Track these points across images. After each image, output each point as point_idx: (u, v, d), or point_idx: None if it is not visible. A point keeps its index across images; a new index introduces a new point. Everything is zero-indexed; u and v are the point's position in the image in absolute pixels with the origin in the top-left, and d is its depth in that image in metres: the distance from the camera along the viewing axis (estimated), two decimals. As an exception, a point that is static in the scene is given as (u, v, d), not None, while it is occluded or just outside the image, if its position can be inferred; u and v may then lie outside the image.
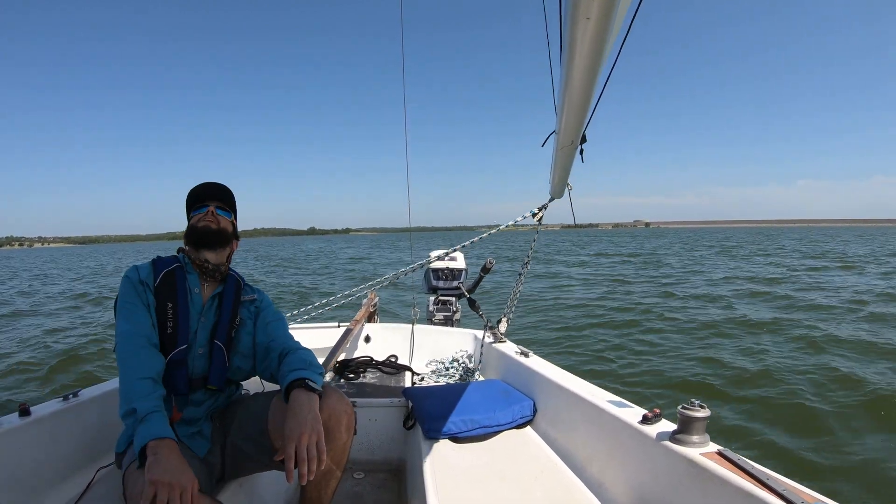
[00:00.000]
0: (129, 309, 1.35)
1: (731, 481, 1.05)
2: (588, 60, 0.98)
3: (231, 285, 1.54)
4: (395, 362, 2.88)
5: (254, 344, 1.53)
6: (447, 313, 3.53)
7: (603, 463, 1.52)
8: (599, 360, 5.79)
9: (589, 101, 1.23)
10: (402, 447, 2.20)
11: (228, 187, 1.58)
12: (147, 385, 1.21)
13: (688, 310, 8.94)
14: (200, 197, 1.52)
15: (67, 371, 5.80)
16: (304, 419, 1.21)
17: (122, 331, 1.31)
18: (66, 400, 1.64)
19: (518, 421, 1.93)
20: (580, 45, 0.93)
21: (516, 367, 2.27)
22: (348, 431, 1.39)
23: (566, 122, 1.38)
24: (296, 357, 1.43)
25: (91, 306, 11.82)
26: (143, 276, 1.41)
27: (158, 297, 1.39)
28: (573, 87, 1.13)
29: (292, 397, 1.28)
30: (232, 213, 1.56)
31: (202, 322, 1.45)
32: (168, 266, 1.45)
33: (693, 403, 1.23)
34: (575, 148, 1.68)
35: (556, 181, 2.11)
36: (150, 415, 1.15)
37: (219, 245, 1.50)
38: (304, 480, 1.16)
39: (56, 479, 1.50)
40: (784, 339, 6.50)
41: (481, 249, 25.17)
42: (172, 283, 1.43)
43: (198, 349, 1.43)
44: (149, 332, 1.33)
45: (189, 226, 1.52)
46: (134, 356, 1.26)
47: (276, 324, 1.57)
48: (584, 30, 0.87)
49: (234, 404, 1.53)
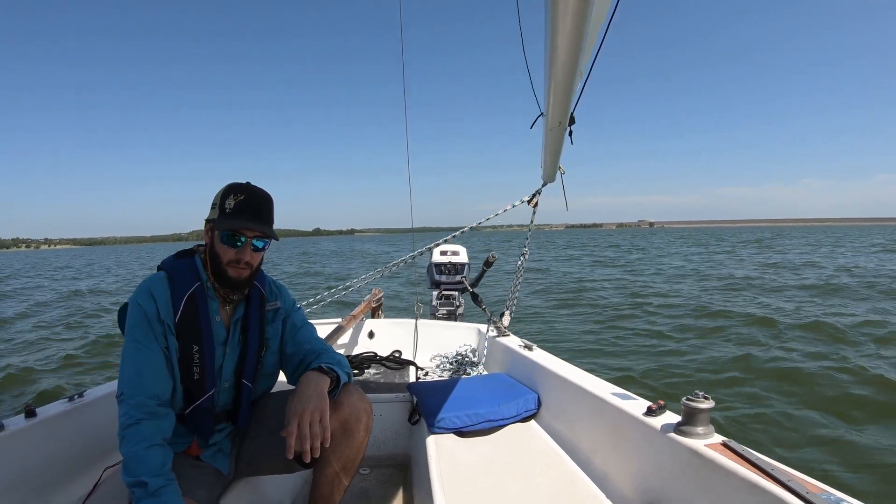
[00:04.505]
0: (139, 351, 1.20)
1: (735, 472, 1.04)
2: (571, 34, 0.95)
3: (255, 304, 1.38)
4: (400, 357, 2.88)
5: (282, 356, 1.46)
6: (450, 308, 3.53)
7: (607, 455, 1.52)
8: (612, 355, 5.80)
9: (574, 79, 1.20)
10: (408, 442, 2.20)
11: (270, 198, 1.32)
12: (156, 454, 1.11)
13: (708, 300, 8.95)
14: (236, 224, 1.25)
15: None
16: (309, 396, 1.19)
17: (127, 380, 1.18)
18: (71, 401, 1.65)
19: (522, 414, 1.94)
20: (562, 23, 0.90)
21: (520, 360, 2.27)
22: (366, 430, 1.38)
23: (553, 102, 1.35)
24: (327, 356, 1.40)
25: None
26: (162, 310, 1.23)
27: (182, 339, 1.24)
28: (557, 66, 1.10)
29: (302, 377, 1.26)
30: (271, 235, 1.31)
31: (227, 354, 1.33)
32: (188, 287, 1.27)
33: (697, 395, 1.23)
34: (564, 129, 1.64)
35: (548, 165, 2.09)
36: (162, 489, 1.07)
37: (249, 285, 1.36)
38: (307, 458, 1.14)
39: (63, 479, 1.51)
40: (793, 329, 6.48)
41: (485, 245, 25.31)
42: (195, 316, 1.26)
43: (223, 383, 1.34)
44: (159, 388, 1.19)
45: (213, 254, 1.28)
46: (140, 421, 1.13)
47: (304, 329, 1.49)
48: (566, 6, 0.85)
49: (252, 405, 1.46)
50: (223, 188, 1.30)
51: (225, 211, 1.26)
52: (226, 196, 1.27)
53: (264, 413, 1.45)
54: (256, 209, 1.28)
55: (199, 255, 1.35)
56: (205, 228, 1.33)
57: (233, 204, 1.26)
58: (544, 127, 1.69)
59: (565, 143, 1.82)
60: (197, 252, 1.36)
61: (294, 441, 1.13)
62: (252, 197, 1.28)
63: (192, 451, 1.33)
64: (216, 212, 1.28)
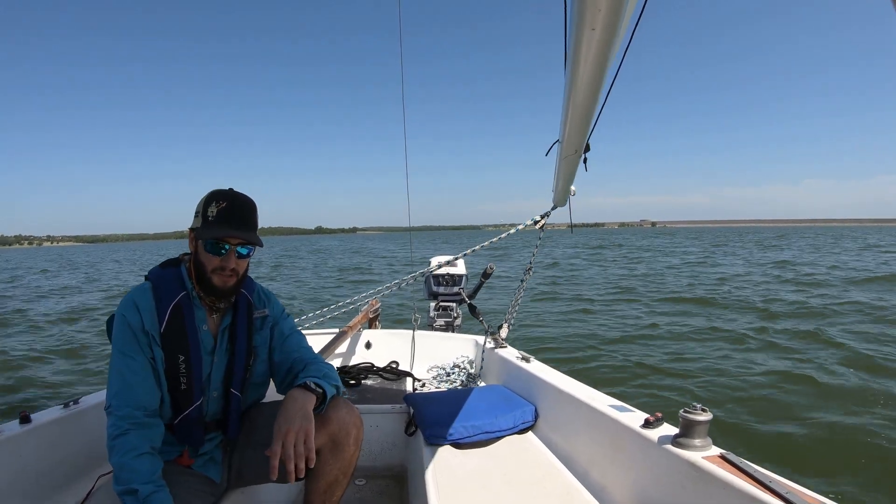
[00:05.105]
0: (126, 363, 1.20)
1: (733, 485, 1.04)
2: (592, 71, 0.99)
3: (242, 311, 1.37)
4: (397, 368, 2.87)
5: (271, 364, 1.46)
6: (448, 319, 3.53)
7: (605, 467, 1.52)
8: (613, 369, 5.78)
9: (593, 110, 1.23)
10: (404, 453, 2.19)
11: (252, 204, 1.31)
12: (146, 462, 1.12)
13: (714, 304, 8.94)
14: (219, 232, 1.24)
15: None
16: (293, 416, 1.18)
17: (115, 392, 1.19)
18: (66, 407, 1.64)
19: (520, 426, 1.93)
20: (585, 56, 0.93)
21: (517, 372, 2.27)
22: (356, 444, 1.37)
23: (570, 131, 1.38)
24: (314, 368, 1.38)
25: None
26: (147, 321, 1.23)
27: (167, 349, 1.24)
28: (577, 97, 1.13)
29: (287, 395, 1.25)
30: (255, 242, 1.29)
31: (215, 363, 1.33)
32: (173, 297, 1.27)
33: (695, 407, 1.23)
34: (579, 157, 1.68)
35: (560, 190, 2.12)
36: (153, 495, 1.08)
37: (236, 293, 1.35)
38: (292, 479, 1.13)
39: (57, 486, 1.49)
40: (791, 337, 6.48)
41: (484, 253, 25.52)
42: (181, 326, 1.25)
43: (212, 392, 1.33)
44: (146, 399, 1.20)
45: (198, 263, 1.28)
46: (128, 431, 1.14)
47: (293, 337, 1.47)
48: (590, 41, 0.88)
49: (243, 414, 1.46)
50: (205, 196, 1.29)
51: (208, 219, 1.25)
52: (208, 204, 1.26)
53: (255, 424, 1.44)
54: (239, 216, 1.26)
55: (185, 265, 1.34)
56: (189, 237, 1.32)
57: (215, 212, 1.25)
58: (559, 154, 1.72)
59: (579, 170, 1.84)
60: (183, 261, 1.35)
61: (277, 462, 1.13)
62: (234, 204, 1.27)
63: (183, 461, 1.32)
64: (199, 220, 1.27)
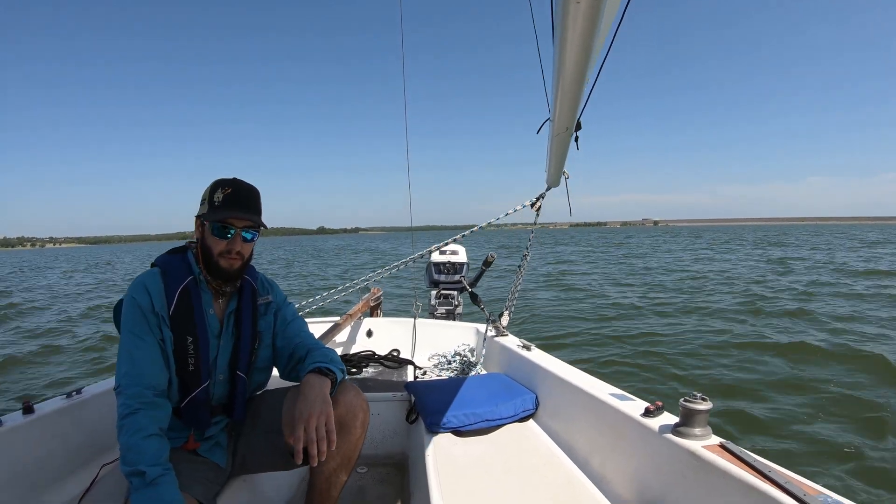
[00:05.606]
0: (135, 343, 1.22)
1: (733, 474, 1.04)
2: (580, 44, 0.96)
3: (247, 296, 1.42)
4: (398, 356, 2.88)
5: (274, 350, 1.48)
6: (449, 307, 3.53)
7: (605, 456, 1.52)
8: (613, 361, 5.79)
9: (583, 86, 1.21)
10: (405, 441, 2.20)
11: (256, 191, 1.36)
12: (153, 444, 1.13)
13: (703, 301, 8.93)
14: (225, 215, 1.29)
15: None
16: (314, 400, 1.20)
17: (124, 372, 1.20)
18: (69, 397, 1.65)
19: (520, 414, 1.94)
20: (572, 27, 0.91)
21: (518, 360, 2.27)
22: (363, 427, 1.39)
23: (560, 108, 1.36)
24: (319, 353, 1.41)
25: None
26: (156, 303, 1.26)
27: (176, 330, 1.27)
28: (566, 72, 1.11)
29: (304, 381, 1.27)
30: (260, 224, 1.35)
31: (221, 346, 1.36)
32: (181, 281, 1.31)
33: (695, 396, 1.23)
34: (570, 135, 1.65)
35: (553, 170, 2.09)
36: (160, 478, 1.08)
37: (241, 277, 1.39)
38: (315, 462, 1.15)
39: (60, 475, 1.51)
40: (794, 327, 6.49)
41: (484, 245, 25.43)
42: (189, 309, 1.29)
43: (218, 375, 1.36)
44: (155, 379, 1.22)
45: (205, 247, 1.32)
46: (138, 411, 1.15)
47: (295, 323, 1.51)
48: (576, 12, 0.86)
49: (248, 402, 1.48)
50: (211, 184, 1.35)
51: (214, 204, 1.31)
52: (214, 190, 1.32)
53: (260, 410, 1.47)
54: (245, 201, 1.32)
55: (192, 251, 1.39)
56: (195, 224, 1.37)
57: (221, 197, 1.30)
58: (550, 132, 1.69)
59: (571, 149, 1.82)
60: (189, 248, 1.40)
61: (301, 446, 1.15)
62: (240, 190, 1.33)
63: (188, 446, 1.34)
64: (205, 206, 1.33)
